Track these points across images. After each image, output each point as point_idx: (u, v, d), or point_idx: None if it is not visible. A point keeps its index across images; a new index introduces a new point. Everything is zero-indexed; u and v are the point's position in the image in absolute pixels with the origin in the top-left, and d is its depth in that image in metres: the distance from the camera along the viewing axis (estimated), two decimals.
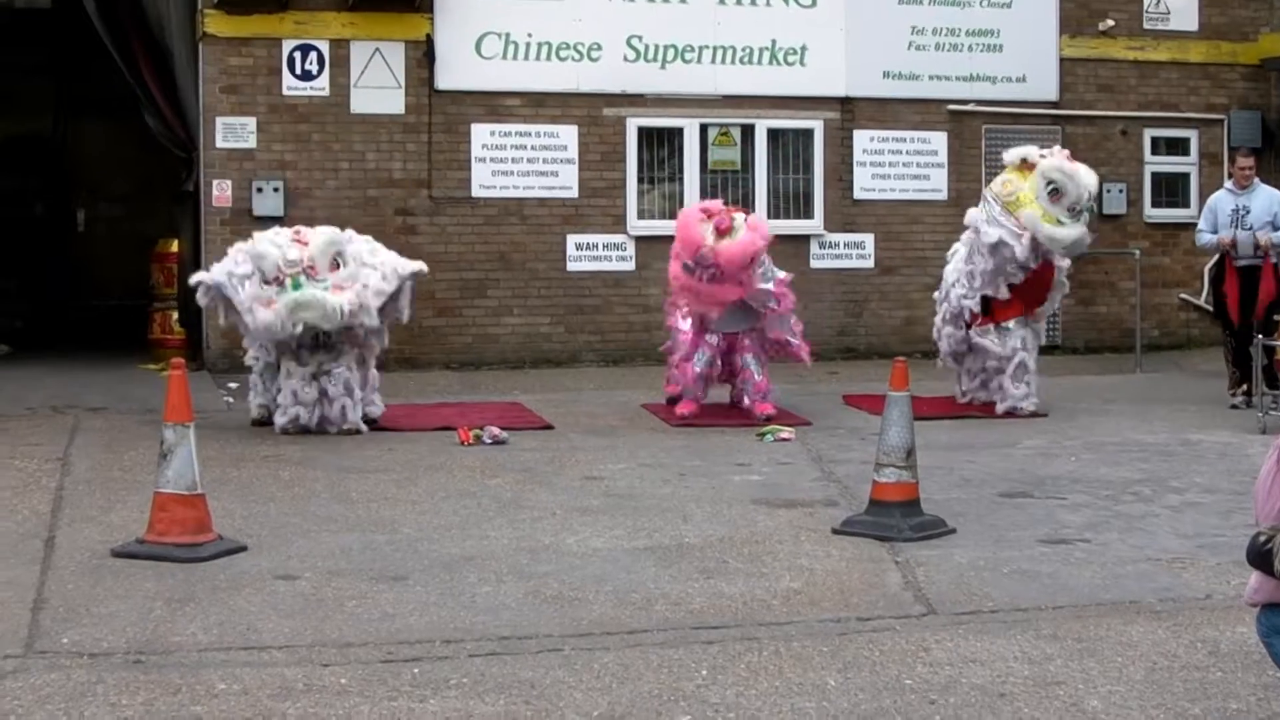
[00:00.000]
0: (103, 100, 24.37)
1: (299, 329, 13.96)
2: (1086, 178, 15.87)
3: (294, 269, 13.88)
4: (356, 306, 14.07)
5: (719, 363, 15.45)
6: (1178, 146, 22.21)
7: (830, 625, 8.39)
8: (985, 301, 15.95)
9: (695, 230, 14.73)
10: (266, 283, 13.97)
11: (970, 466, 12.92)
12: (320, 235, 14.25)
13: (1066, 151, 16.25)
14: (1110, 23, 21.72)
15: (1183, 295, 22.18)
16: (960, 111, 21.12)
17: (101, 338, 22.65)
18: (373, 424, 14.64)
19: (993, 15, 21.22)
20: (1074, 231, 15.70)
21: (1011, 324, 15.93)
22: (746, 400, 15.32)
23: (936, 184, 21.07)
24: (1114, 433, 14.88)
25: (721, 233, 14.65)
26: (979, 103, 21.19)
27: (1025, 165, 15.77)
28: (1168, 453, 13.74)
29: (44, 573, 9.25)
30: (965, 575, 9.37)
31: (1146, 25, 21.97)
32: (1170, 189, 22.23)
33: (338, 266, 14.15)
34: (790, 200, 20.62)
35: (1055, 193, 15.62)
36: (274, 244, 14.12)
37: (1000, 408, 15.92)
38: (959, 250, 16.39)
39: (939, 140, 21.00)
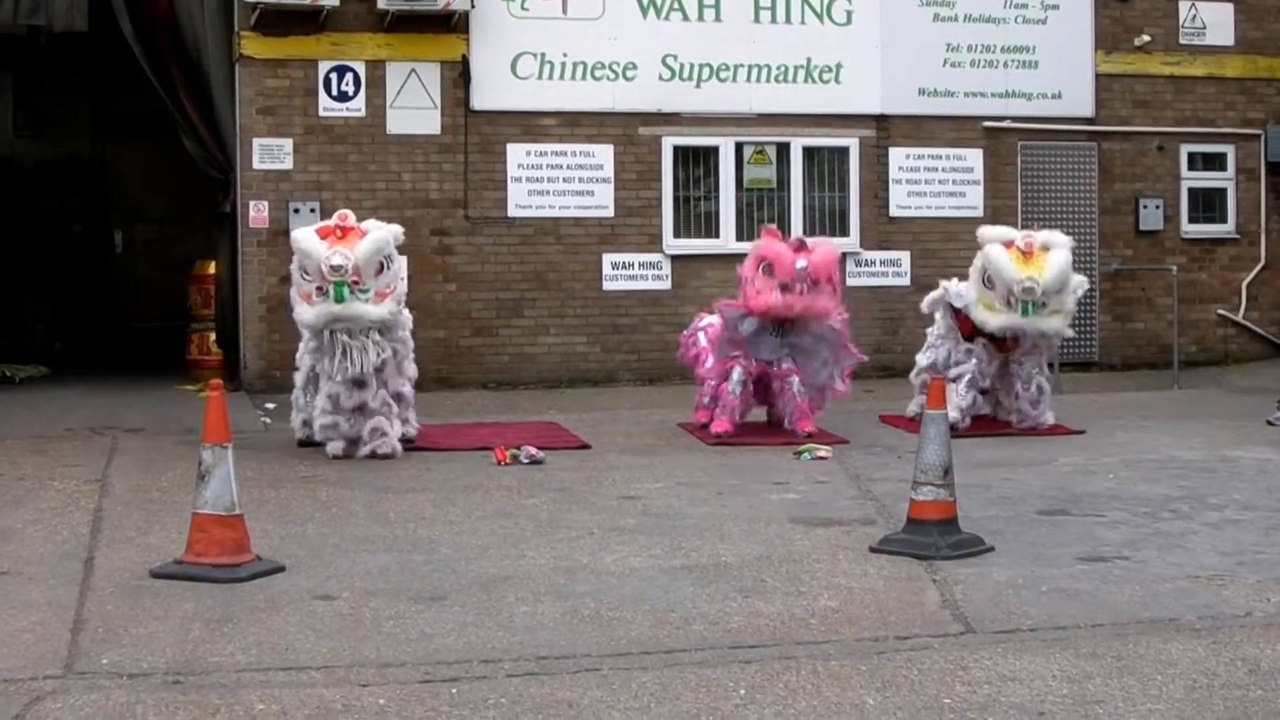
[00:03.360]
0: (140, 122, 24.52)
1: (338, 337, 13.84)
2: (1011, 272, 15.37)
3: (337, 276, 13.57)
4: (397, 312, 14.03)
5: (751, 385, 15.42)
6: (1215, 162, 22.17)
7: (868, 644, 8.37)
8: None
9: (785, 251, 14.90)
10: (308, 275, 13.79)
11: (1007, 484, 12.88)
12: (367, 244, 13.76)
13: (1037, 236, 15.83)
14: (1146, 38, 21.69)
15: (1221, 311, 22.12)
16: (996, 128, 21.11)
17: (139, 359, 22.76)
18: (409, 443, 14.59)
19: (1028, 32, 21.21)
20: (999, 319, 15.57)
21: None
22: (787, 421, 15.32)
23: (972, 201, 21.05)
24: (1152, 449, 14.83)
25: (801, 252, 15.03)
26: (1015, 119, 21.17)
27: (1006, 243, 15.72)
28: (1206, 469, 13.68)
29: (83, 594, 9.28)
30: (1003, 593, 9.34)
31: (1182, 40, 21.94)
32: (1207, 204, 22.20)
33: (382, 269, 13.87)
34: (826, 218, 20.62)
35: (989, 280, 15.57)
36: (319, 243, 13.75)
37: (1023, 425, 15.93)
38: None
39: (974, 157, 20.99)
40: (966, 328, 15.89)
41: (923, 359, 16.57)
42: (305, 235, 13.99)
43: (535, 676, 7.75)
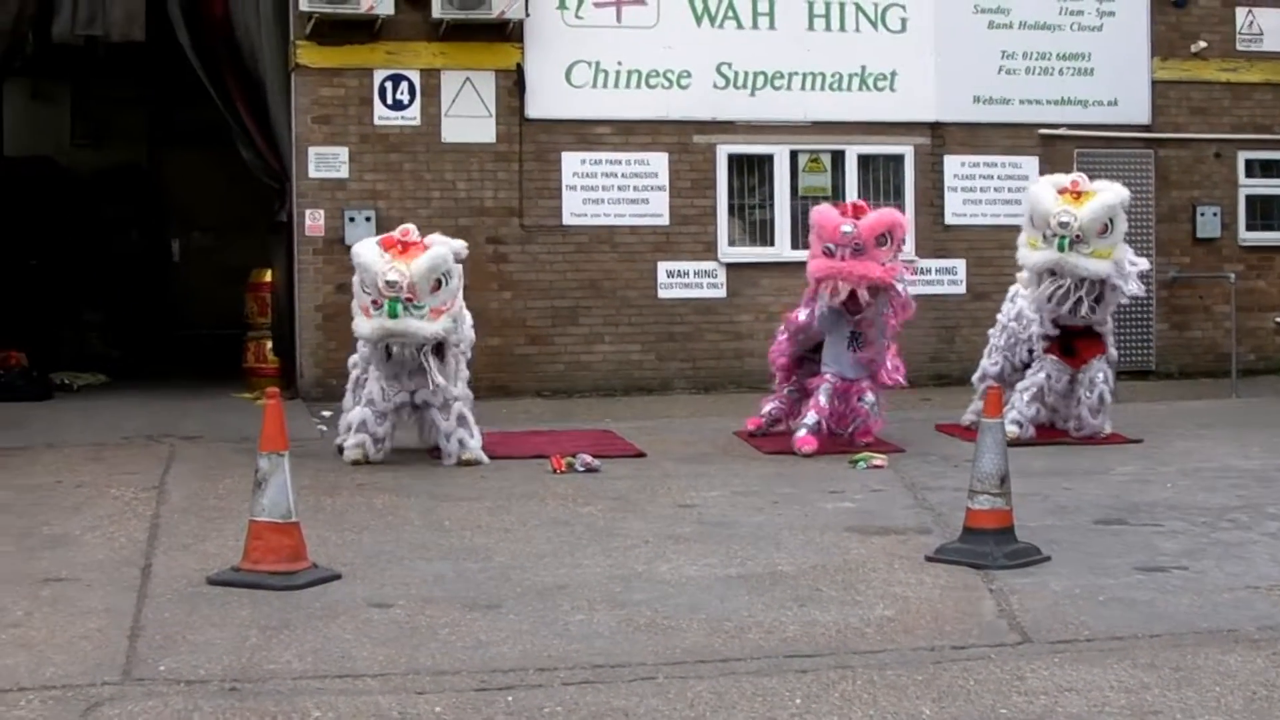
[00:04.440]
0: (196, 131, 24.66)
1: (390, 349, 13.85)
2: (1049, 204, 15.23)
3: (392, 293, 13.56)
4: (453, 329, 13.97)
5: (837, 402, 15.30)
6: (1272, 168, 22.02)
7: (924, 654, 8.35)
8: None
9: (833, 216, 14.83)
10: (367, 288, 13.77)
11: (1065, 493, 12.83)
12: (424, 261, 13.69)
13: (1077, 179, 15.78)
14: (1202, 44, 21.57)
15: (1279, 319, 21.98)
16: (1051, 136, 21.01)
17: (196, 367, 22.86)
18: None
19: (1083, 39, 21.12)
20: (1040, 255, 15.38)
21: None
22: (849, 432, 15.19)
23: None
24: (1210, 458, 14.74)
25: (858, 216, 14.89)
26: (1070, 127, 21.07)
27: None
28: (1265, 479, 13.59)
29: (141, 600, 9.33)
30: (1060, 603, 9.30)
31: (1239, 46, 21.80)
32: (1265, 211, 22.04)
33: (439, 286, 13.81)
34: None
35: (1035, 220, 15.51)
36: (378, 258, 13.74)
37: (1081, 433, 15.80)
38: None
39: (1030, 165, 20.83)
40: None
41: (989, 365, 16.45)
42: (365, 249, 13.98)
43: (590, 685, 7.76)
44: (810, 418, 15.02)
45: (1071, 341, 15.77)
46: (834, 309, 14.94)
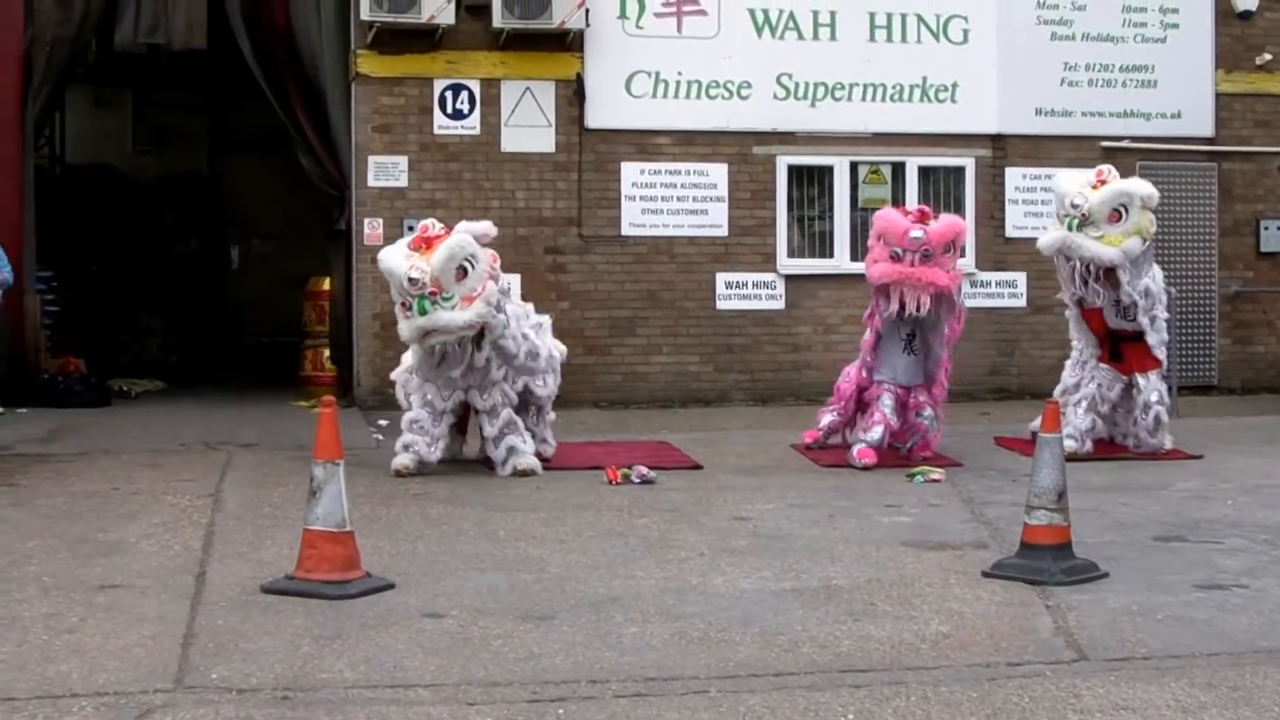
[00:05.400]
0: (256, 138, 24.80)
1: (435, 347, 13.79)
2: (1066, 189, 15.29)
3: (417, 290, 13.47)
4: (488, 314, 13.68)
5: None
6: None
7: (979, 670, 8.28)
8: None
9: (900, 221, 14.77)
10: (400, 294, 13.69)
11: (1123, 509, 12.73)
12: (440, 252, 13.51)
13: (1103, 170, 15.64)
14: (1267, 57, 21.42)
15: None
16: (1114, 148, 20.89)
17: (254, 374, 22.94)
18: (545, 462, 14.59)
19: (1147, 51, 21.01)
20: (1050, 236, 15.46)
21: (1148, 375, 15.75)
22: (906, 447, 15.13)
23: None
24: (1272, 475, 14.62)
25: (924, 221, 14.84)
26: (1133, 139, 20.96)
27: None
28: None
29: (194, 608, 9.33)
30: (1118, 620, 9.22)
31: None
32: None
33: (465, 274, 13.60)
34: None
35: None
36: (402, 260, 13.63)
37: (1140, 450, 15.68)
38: None
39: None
40: (1097, 325, 15.66)
41: (1069, 377, 16.32)
42: (388, 254, 13.95)
43: (643, 698, 7.72)
44: (875, 433, 14.94)
45: (1119, 347, 15.68)
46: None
